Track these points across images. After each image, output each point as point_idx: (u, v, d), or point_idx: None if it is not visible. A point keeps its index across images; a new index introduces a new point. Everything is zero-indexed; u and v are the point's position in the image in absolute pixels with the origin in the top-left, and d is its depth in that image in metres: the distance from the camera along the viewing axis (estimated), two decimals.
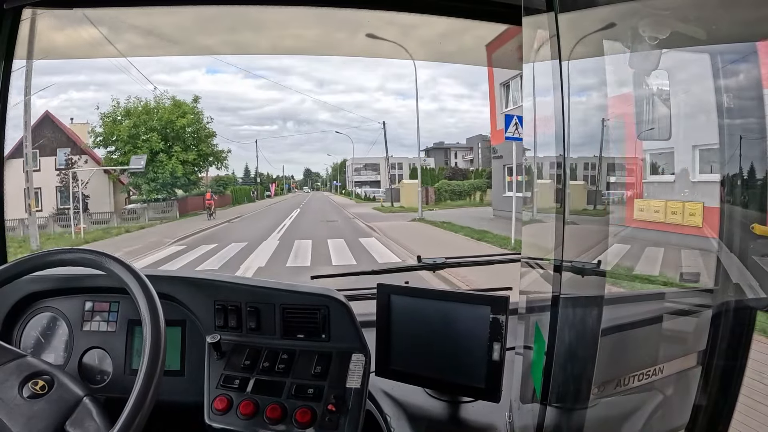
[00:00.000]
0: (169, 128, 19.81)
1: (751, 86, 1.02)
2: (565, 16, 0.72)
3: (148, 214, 18.86)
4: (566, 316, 0.72)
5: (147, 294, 0.78)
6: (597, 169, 0.92)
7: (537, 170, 0.98)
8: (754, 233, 1.00)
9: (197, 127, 20.91)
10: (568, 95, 0.72)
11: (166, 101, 20.54)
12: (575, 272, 0.74)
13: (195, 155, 20.46)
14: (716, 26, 0.99)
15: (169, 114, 19.93)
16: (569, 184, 0.72)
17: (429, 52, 1.94)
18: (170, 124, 19.84)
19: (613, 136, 0.89)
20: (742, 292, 1.01)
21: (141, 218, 18.46)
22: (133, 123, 19.17)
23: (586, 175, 0.91)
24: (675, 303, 1.08)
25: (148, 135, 19.08)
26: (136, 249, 11.07)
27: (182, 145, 20.16)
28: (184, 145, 20.23)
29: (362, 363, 0.93)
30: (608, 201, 1.01)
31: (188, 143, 20.48)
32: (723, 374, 1.02)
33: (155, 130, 19.38)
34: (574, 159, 0.77)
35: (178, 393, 0.98)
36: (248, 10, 1.42)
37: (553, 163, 0.76)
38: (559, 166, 0.73)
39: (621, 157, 1.02)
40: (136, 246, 11.61)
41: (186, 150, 20.20)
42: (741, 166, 0.99)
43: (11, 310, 1.03)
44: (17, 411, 0.69)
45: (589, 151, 0.84)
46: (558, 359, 0.72)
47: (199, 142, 20.88)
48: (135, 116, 19.40)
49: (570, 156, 0.72)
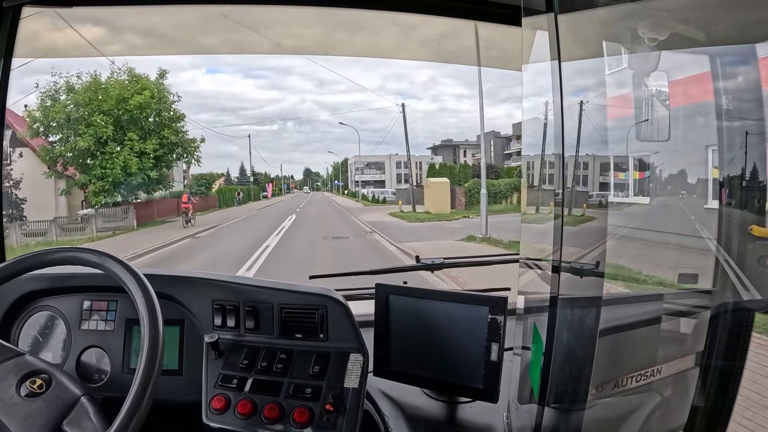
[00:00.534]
0: (121, 108, 14.83)
1: (750, 88, 1.03)
2: (565, 17, 0.72)
3: (97, 223, 14.83)
4: (564, 316, 0.73)
5: (145, 293, 0.78)
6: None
7: (537, 170, 0.99)
8: (752, 234, 1.00)
9: (159, 107, 15.64)
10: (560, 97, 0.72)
11: (123, 75, 15.52)
12: (573, 273, 0.74)
13: (156, 144, 15.39)
14: (715, 28, 0.99)
15: (122, 90, 14.92)
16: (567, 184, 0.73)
17: (429, 52, 1.95)
18: (122, 102, 14.85)
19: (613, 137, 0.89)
20: (740, 293, 1.01)
21: (88, 228, 14.69)
22: (74, 101, 14.61)
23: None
24: (673, 304, 1.08)
25: (94, 117, 14.47)
26: None
27: (138, 131, 15.19)
28: (141, 131, 15.25)
29: (360, 363, 0.93)
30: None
31: (147, 129, 15.46)
32: (721, 375, 1.02)
33: (106, 112, 14.71)
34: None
35: (176, 392, 0.98)
36: (248, 10, 1.42)
37: (552, 162, 0.77)
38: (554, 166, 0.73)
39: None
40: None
41: (144, 138, 15.24)
42: (739, 167, 0.99)
43: (9, 308, 1.03)
44: (14, 409, 0.69)
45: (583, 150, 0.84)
46: (556, 360, 0.72)
47: (162, 128, 15.73)
48: (80, 94, 14.69)
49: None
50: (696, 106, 1.07)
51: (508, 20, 1.24)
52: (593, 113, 0.79)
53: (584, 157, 0.85)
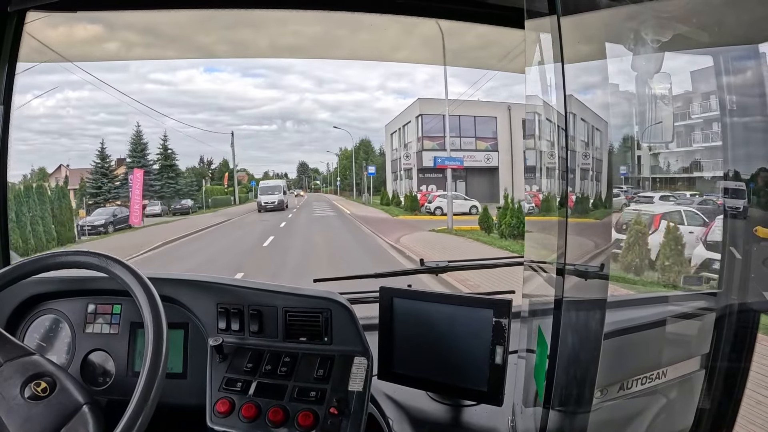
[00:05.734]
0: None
1: (755, 87, 1.02)
2: (567, 19, 0.72)
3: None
4: (569, 319, 0.72)
5: (149, 296, 0.78)
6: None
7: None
8: (757, 236, 1.00)
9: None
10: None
11: None
12: (578, 275, 0.73)
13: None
14: (718, 29, 0.99)
15: None
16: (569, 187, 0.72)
17: (430, 53, 1.95)
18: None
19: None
20: (746, 294, 1.01)
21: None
22: None
23: None
24: (678, 306, 1.07)
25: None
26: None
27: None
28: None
29: (364, 366, 0.93)
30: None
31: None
32: (727, 377, 1.01)
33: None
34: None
35: (180, 395, 0.98)
36: (248, 10, 1.42)
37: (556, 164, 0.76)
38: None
39: None
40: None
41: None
42: (744, 168, 0.99)
43: (14, 311, 1.04)
44: (16, 411, 0.69)
45: None
46: (561, 363, 0.72)
47: None
48: None
49: None
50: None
51: (510, 22, 1.24)
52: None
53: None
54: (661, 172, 4.49)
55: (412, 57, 2.06)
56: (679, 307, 1.06)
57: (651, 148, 3.37)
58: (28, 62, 1.35)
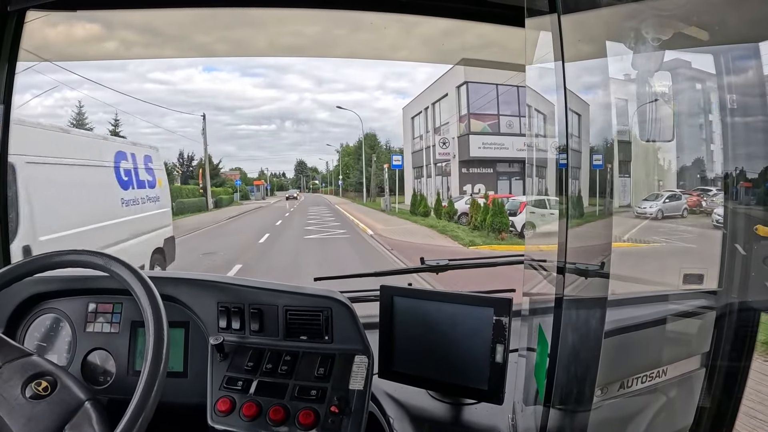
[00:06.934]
0: None
1: (755, 86, 1.02)
2: (568, 17, 0.72)
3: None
4: (569, 317, 0.72)
5: (150, 295, 0.78)
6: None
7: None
8: (757, 234, 1.00)
9: None
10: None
11: None
12: (578, 274, 0.73)
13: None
14: (719, 27, 0.99)
15: None
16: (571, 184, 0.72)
17: (431, 52, 1.94)
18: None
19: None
20: (746, 293, 1.01)
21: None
22: None
23: None
24: (679, 305, 1.07)
25: None
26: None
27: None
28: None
29: (365, 365, 0.93)
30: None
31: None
32: (727, 376, 1.01)
33: None
34: None
35: (181, 394, 0.98)
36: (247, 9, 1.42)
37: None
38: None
39: None
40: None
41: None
42: (745, 167, 0.99)
43: (15, 311, 1.04)
44: (18, 411, 0.69)
45: None
46: (561, 361, 0.72)
47: None
48: None
49: None
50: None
51: (511, 21, 1.24)
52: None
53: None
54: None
55: (412, 56, 2.05)
56: (679, 305, 1.06)
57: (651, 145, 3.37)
58: (27, 62, 1.35)
